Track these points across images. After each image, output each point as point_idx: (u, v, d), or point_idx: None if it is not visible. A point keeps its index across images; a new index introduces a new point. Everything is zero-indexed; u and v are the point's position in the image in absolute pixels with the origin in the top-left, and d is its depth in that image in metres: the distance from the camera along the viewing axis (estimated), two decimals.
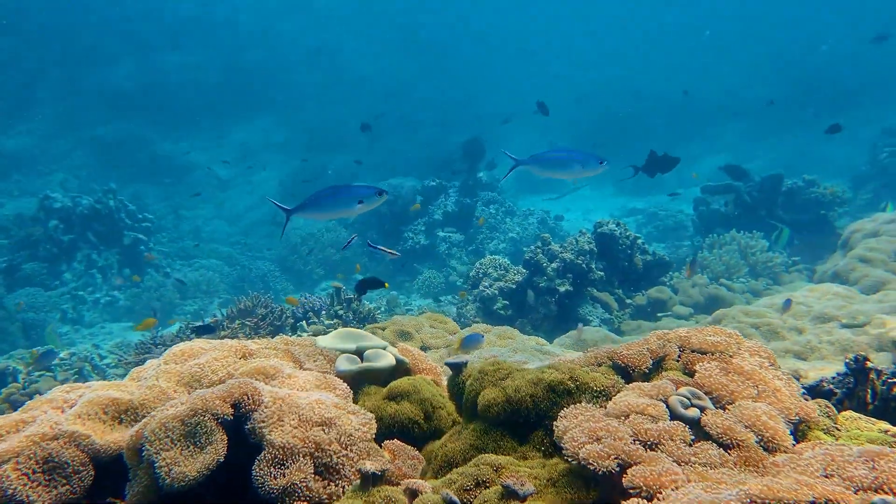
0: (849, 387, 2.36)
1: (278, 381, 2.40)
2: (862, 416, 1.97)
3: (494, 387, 2.20)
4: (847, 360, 2.39)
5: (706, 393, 1.94)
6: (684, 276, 7.86)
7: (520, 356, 4.16)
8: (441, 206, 13.94)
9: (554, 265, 7.51)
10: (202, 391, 2.05)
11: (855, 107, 24.78)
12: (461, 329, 5.43)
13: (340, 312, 6.64)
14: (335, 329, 6.83)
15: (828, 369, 4.32)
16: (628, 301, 7.80)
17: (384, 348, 2.85)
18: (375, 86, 26.19)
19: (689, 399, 1.92)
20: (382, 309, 11.09)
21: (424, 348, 5.15)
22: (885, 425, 1.91)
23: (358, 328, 6.85)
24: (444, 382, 3.15)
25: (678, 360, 2.16)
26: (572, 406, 1.98)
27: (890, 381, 2.26)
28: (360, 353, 2.81)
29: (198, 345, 2.69)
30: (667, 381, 1.97)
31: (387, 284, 5.30)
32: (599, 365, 2.23)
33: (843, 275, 6.16)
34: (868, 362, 2.34)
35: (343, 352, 2.80)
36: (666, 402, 1.91)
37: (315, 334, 6.70)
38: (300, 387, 2.39)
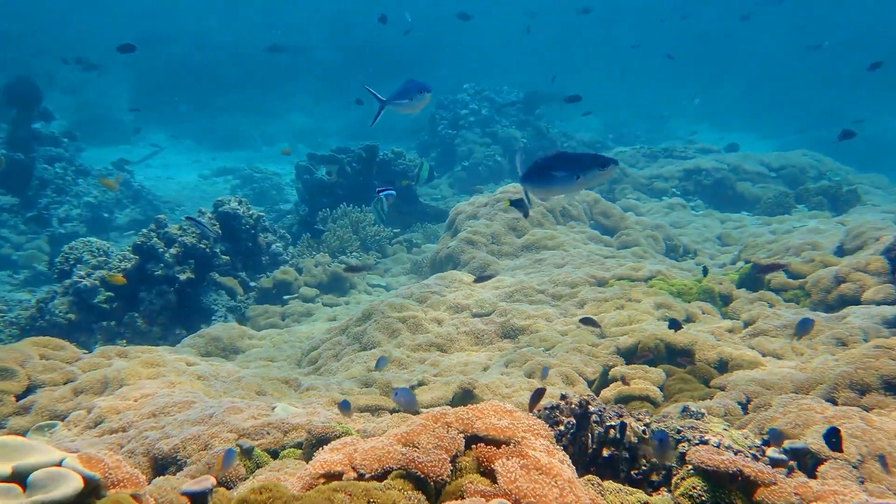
0: (572, 432, 2.59)
1: None
2: (622, 486, 2.17)
3: None
4: (573, 406, 2.61)
5: (516, 502, 1.86)
6: None
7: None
8: None
9: (173, 250, 6.61)
10: None
11: (413, 74, 27.99)
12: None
13: None
14: None
15: (473, 365, 4.78)
16: (253, 284, 7.40)
17: (61, 463, 2.01)
18: None
19: None
20: None
21: (34, 388, 3.96)
22: (641, 495, 2.13)
23: None
24: (147, 490, 2.42)
25: (469, 453, 2.03)
26: None
27: (607, 424, 2.54)
28: (21, 475, 1.93)
29: None
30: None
31: None
32: (385, 473, 1.95)
33: (455, 256, 6.94)
34: (590, 406, 2.59)
35: None
36: None
37: None
38: None
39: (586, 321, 4.32)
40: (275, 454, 3.19)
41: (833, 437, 2.35)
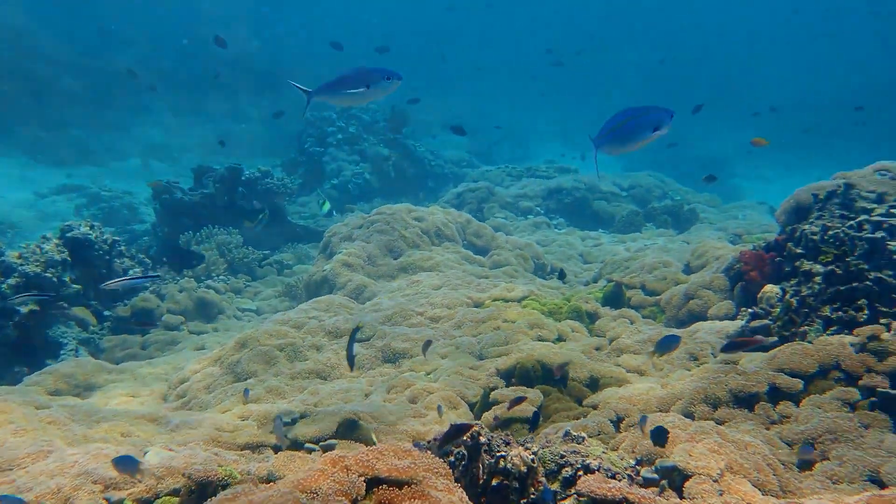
0: (464, 463, 2.64)
1: None
2: None
3: None
4: (466, 438, 2.66)
5: None
6: None
7: None
8: None
9: (12, 281, 5.98)
10: None
11: (275, 91, 27.30)
12: None
13: None
14: None
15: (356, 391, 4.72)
16: (108, 313, 6.86)
17: None
18: None
19: None
20: None
21: None
22: None
23: None
24: None
25: (371, 497, 2.01)
26: None
27: (497, 454, 2.62)
28: None
29: None
30: None
31: None
32: None
33: (331, 279, 6.83)
34: (481, 437, 2.66)
35: None
36: None
37: None
38: None
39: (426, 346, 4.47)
40: None
41: (659, 436, 2.82)
